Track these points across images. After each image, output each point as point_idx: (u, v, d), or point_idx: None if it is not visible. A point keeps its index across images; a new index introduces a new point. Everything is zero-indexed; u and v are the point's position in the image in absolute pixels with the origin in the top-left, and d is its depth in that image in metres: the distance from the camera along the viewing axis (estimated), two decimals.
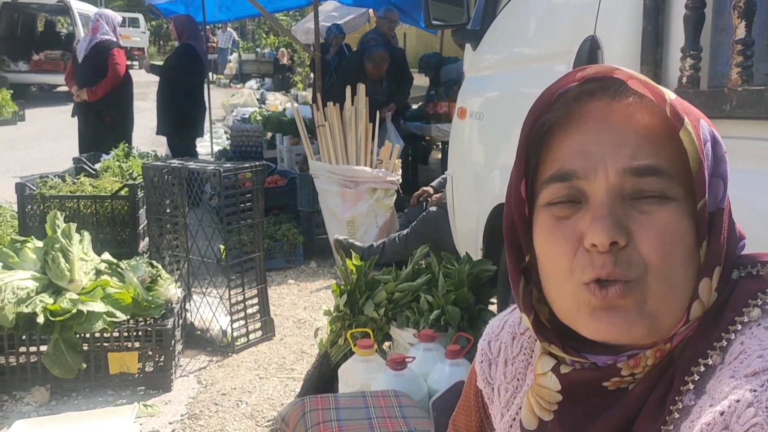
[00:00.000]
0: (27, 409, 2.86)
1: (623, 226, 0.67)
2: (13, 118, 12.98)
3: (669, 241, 0.67)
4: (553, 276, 0.72)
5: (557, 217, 0.71)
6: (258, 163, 3.65)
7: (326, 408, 2.03)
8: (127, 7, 29.70)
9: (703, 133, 0.68)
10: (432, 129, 6.87)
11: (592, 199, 0.69)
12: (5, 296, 2.83)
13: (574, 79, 0.72)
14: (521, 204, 0.75)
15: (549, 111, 0.73)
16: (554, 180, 0.71)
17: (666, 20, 1.73)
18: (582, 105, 0.72)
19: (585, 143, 0.70)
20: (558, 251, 0.71)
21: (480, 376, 0.91)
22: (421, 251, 2.99)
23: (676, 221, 0.67)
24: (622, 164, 0.67)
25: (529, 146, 0.74)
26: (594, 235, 0.67)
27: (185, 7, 8.98)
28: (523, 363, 0.85)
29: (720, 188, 0.69)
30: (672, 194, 0.67)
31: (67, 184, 4.30)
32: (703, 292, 0.67)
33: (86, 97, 6.29)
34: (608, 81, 0.70)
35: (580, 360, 0.72)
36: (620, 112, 0.70)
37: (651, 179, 0.67)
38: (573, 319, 0.71)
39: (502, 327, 0.90)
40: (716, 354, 0.65)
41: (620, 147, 0.68)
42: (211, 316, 3.58)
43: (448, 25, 3.19)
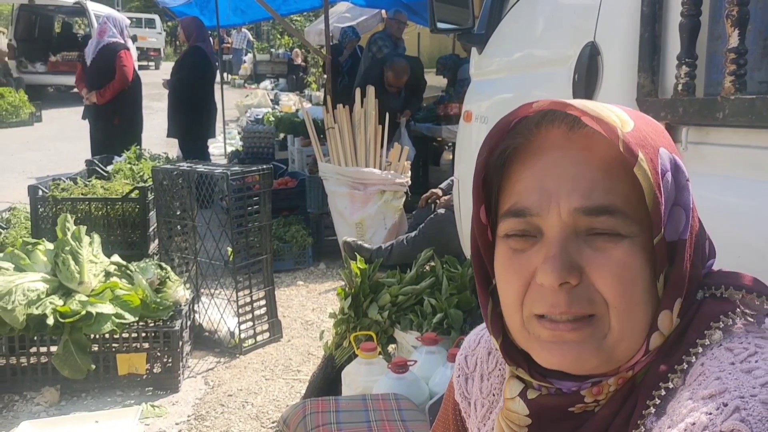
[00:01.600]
0: (37, 409, 2.91)
1: (575, 265, 0.67)
2: (30, 119, 13.14)
3: (625, 278, 0.67)
4: (506, 305, 0.73)
5: (513, 250, 0.72)
6: (266, 166, 3.68)
7: (326, 411, 2.05)
8: (143, 8, 29.95)
9: (662, 163, 0.67)
10: (443, 130, 6.87)
11: (546, 235, 0.70)
12: (16, 298, 2.88)
13: (529, 110, 0.71)
14: (483, 230, 0.76)
15: (510, 136, 0.73)
16: (510, 215, 0.72)
17: (663, 28, 1.73)
18: (542, 132, 0.72)
19: (542, 178, 0.70)
20: (511, 284, 0.72)
21: (457, 390, 0.92)
22: (425, 255, 3.01)
23: (630, 258, 0.67)
24: (574, 204, 0.68)
25: (488, 173, 0.75)
26: (544, 276, 0.67)
27: (200, 9, 9.05)
28: (498, 379, 0.86)
29: (682, 218, 0.68)
30: (626, 232, 0.67)
31: (78, 186, 4.36)
32: (662, 323, 0.68)
33: (95, 99, 6.36)
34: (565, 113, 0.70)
35: (545, 385, 0.73)
36: (579, 144, 0.70)
37: (604, 218, 0.67)
38: (527, 348, 0.73)
39: (478, 342, 0.91)
40: (677, 377, 0.66)
41: (575, 184, 0.68)
42: (219, 317, 3.61)
43: (454, 29, 3.20)
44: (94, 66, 6.39)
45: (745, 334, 0.66)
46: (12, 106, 12.87)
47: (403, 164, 4.94)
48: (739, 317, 0.68)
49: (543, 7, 2.57)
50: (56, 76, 16.67)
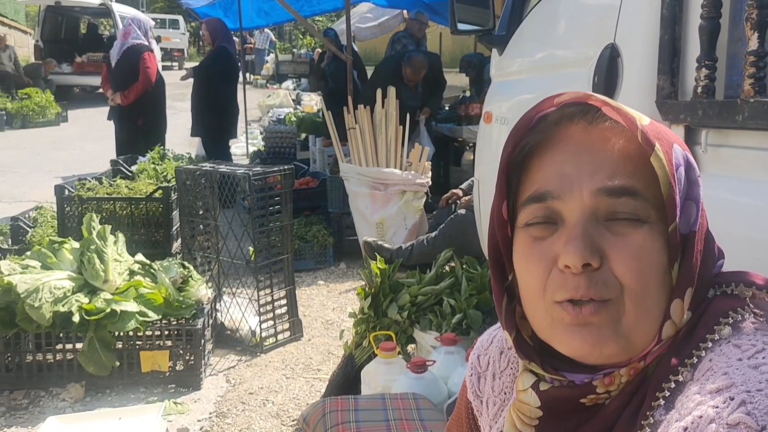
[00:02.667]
0: (63, 404, 2.97)
1: (597, 247, 0.69)
2: (56, 119, 13.35)
3: (643, 263, 0.69)
4: (529, 294, 0.75)
5: (534, 238, 0.74)
6: (287, 166, 3.71)
7: (346, 409, 2.08)
8: (167, 9, 30.24)
9: (676, 158, 0.70)
10: (463, 131, 6.87)
11: (567, 220, 0.71)
12: (43, 295, 2.93)
13: (551, 104, 0.74)
14: (503, 225, 0.77)
15: (530, 134, 0.75)
16: (531, 201, 0.74)
17: (683, 30, 1.73)
18: (562, 128, 0.74)
19: (562, 165, 0.72)
20: (533, 271, 0.73)
21: (470, 388, 0.94)
22: (445, 255, 3.02)
23: (649, 243, 0.69)
24: (596, 184, 0.70)
25: (510, 169, 0.77)
26: (567, 257, 0.69)
27: (223, 11, 9.12)
28: (510, 377, 0.88)
29: (693, 211, 0.70)
30: (645, 216, 0.69)
31: (104, 186, 4.42)
32: (674, 312, 0.69)
33: (119, 101, 6.45)
34: (585, 106, 0.73)
35: (558, 378, 0.74)
36: (597, 136, 0.72)
37: (625, 200, 0.69)
38: (548, 336, 0.74)
39: (491, 341, 0.93)
40: (687, 371, 0.67)
41: (596, 168, 0.70)
42: (241, 316, 3.65)
43: (474, 30, 3.21)
44: (118, 67, 6.48)
45: (753, 331, 0.67)
46: (39, 106, 13.08)
47: (424, 164, 4.95)
48: (748, 314, 0.69)
49: (564, 8, 2.57)
50: (82, 77, 16.91)
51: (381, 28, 11.30)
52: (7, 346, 3.07)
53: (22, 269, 3.08)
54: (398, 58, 6.66)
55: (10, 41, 16.31)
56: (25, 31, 20.87)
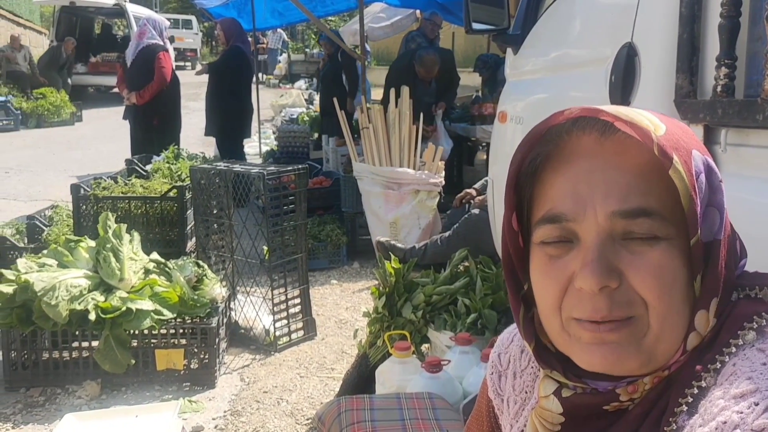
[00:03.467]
0: (79, 402, 2.99)
1: (614, 268, 0.68)
2: (71, 118, 13.43)
3: (664, 280, 0.67)
4: (545, 311, 0.74)
5: (550, 256, 0.73)
6: (301, 166, 3.72)
7: (361, 408, 2.08)
8: (180, 9, 30.37)
9: (696, 165, 0.68)
10: (477, 130, 6.87)
11: (583, 241, 0.70)
12: (59, 294, 2.96)
13: (561, 118, 0.72)
14: (514, 237, 0.77)
15: (540, 145, 0.74)
16: (545, 221, 0.72)
17: (701, 28, 1.72)
18: (573, 138, 0.72)
19: (576, 184, 0.71)
20: (549, 289, 0.73)
21: (490, 387, 0.94)
22: (460, 255, 3.02)
23: (668, 260, 0.68)
24: (611, 207, 0.68)
25: (519, 180, 0.76)
26: (584, 281, 0.68)
27: (237, 11, 9.16)
28: (531, 376, 0.87)
29: (716, 218, 0.69)
30: (662, 234, 0.68)
31: (119, 185, 4.45)
32: (699, 323, 0.68)
33: (135, 100, 6.49)
34: (597, 118, 0.71)
35: (580, 385, 0.74)
36: (611, 149, 0.70)
37: (641, 221, 0.68)
38: (567, 351, 0.74)
39: (511, 340, 0.93)
40: (710, 376, 0.67)
41: (610, 188, 0.69)
42: (255, 315, 3.67)
43: (489, 29, 3.20)
44: (133, 67, 6.52)
45: None
46: (54, 106, 13.17)
47: (437, 164, 4.95)
48: None
49: (580, 7, 2.56)
50: (96, 77, 17.03)
51: (394, 27, 11.31)
52: (24, 344, 3.09)
53: (39, 267, 3.11)
54: (411, 56, 6.67)
55: (25, 41, 16.43)
56: (40, 31, 21.01)
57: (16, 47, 15.21)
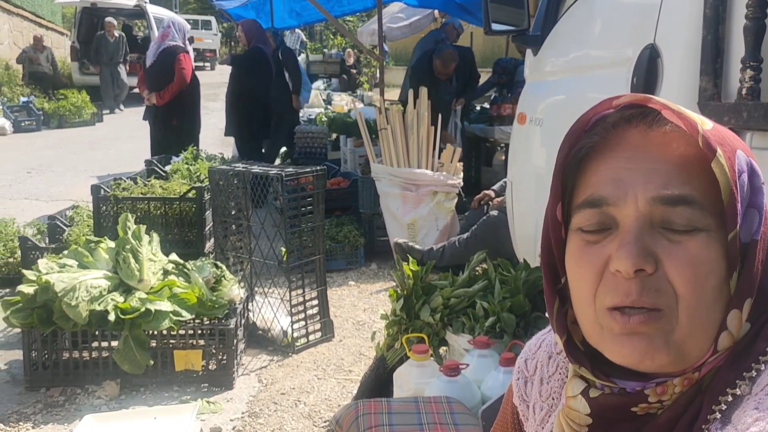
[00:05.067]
0: (98, 402, 3.00)
1: (651, 253, 0.67)
2: (91, 119, 13.55)
3: (700, 271, 0.67)
4: (580, 300, 0.73)
5: (587, 242, 0.72)
6: (319, 167, 3.72)
7: (379, 412, 2.07)
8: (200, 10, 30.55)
9: (739, 164, 0.68)
10: (495, 131, 6.84)
11: (621, 225, 0.70)
12: (80, 294, 2.98)
13: (610, 106, 0.73)
14: (557, 227, 0.76)
15: (587, 136, 0.74)
16: (586, 205, 0.72)
17: (726, 30, 1.69)
18: (619, 131, 0.73)
19: (618, 170, 0.71)
20: (584, 275, 0.72)
21: (516, 393, 0.93)
22: (478, 257, 3.00)
23: (706, 252, 0.67)
24: (652, 192, 0.68)
25: (566, 170, 0.76)
26: (619, 262, 0.68)
27: (255, 12, 9.19)
28: (558, 382, 0.87)
29: (755, 219, 0.68)
30: (702, 225, 0.68)
31: (138, 186, 4.48)
32: (731, 323, 0.67)
33: (155, 100, 6.53)
34: (644, 109, 0.71)
35: (609, 384, 0.73)
36: (656, 141, 0.70)
37: (681, 209, 0.68)
38: (598, 343, 0.73)
39: (539, 346, 0.92)
40: (745, 384, 0.65)
41: (652, 175, 0.69)
42: (273, 316, 3.67)
43: (509, 30, 3.18)
44: (154, 68, 6.56)
45: None
46: (75, 106, 13.30)
47: (456, 165, 4.93)
48: None
49: (601, 8, 2.53)
50: None
51: (412, 27, 11.29)
52: (44, 344, 3.12)
53: (60, 268, 3.13)
54: (431, 56, 6.66)
55: (47, 42, 16.62)
56: (62, 32, 21.24)
57: (38, 48, 15.39)
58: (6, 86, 14.58)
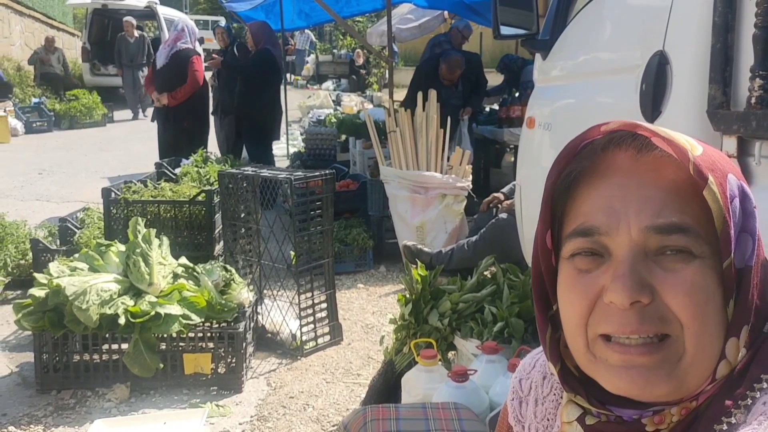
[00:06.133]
0: (108, 405, 3.02)
1: (646, 283, 0.66)
2: (102, 120, 13.62)
3: (698, 299, 0.66)
4: (570, 328, 0.73)
5: (579, 270, 0.71)
6: (328, 171, 3.72)
7: (387, 418, 2.07)
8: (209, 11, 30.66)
9: (731, 189, 0.67)
10: (504, 133, 6.83)
11: (615, 255, 0.69)
12: (90, 298, 3.00)
13: (598, 132, 0.71)
14: (547, 254, 0.75)
15: (576, 160, 0.73)
16: (577, 234, 0.71)
17: (736, 38, 1.69)
18: (609, 155, 0.71)
19: (610, 199, 0.70)
20: (576, 304, 0.71)
21: (511, 413, 0.92)
22: (486, 262, 3.00)
23: (702, 279, 0.66)
24: (645, 222, 0.67)
25: (555, 196, 0.74)
26: (614, 295, 0.67)
27: (265, 14, 9.21)
28: (553, 403, 0.86)
29: (749, 244, 0.68)
30: (697, 252, 0.66)
31: (148, 188, 4.50)
32: (730, 351, 0.67)
33: (166, 102, 6.56)
34: (634, 133, 0.70)
35: (605, 413, 0.72)
36: (647, 166, 0.69)
37: (676, 236, 0.66)
38: (592, 372, 0.72)
39: (533, 366, 0.91)
40: (740, 413, 0.65)
41: (645, 204, 0.68)
42: (281, 319, 3.68)
43: (518, 35, 3.17)
44: (165, 70, 6.59)
45: None
46: (86, 107, 13.38)
47: (465, 168, 4.93)
48: None
49: (610, 14, 2.53)
50: None
51: (421, 29, 11.29)
52: (55, 347, 3.14)
53: (71, 271, 3.16)
54: (438, 59, 6.66)
55: (58, 43, 16.71)
56: (73, 33, 21.36)
57: (50, 49, 15.48)
58: (18, 87, 14.67)
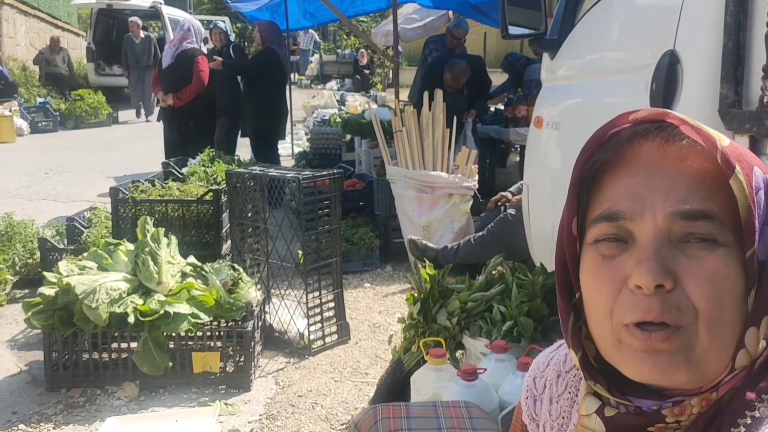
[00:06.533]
0: (117, 403, 3.03)
1: (670, 269, 0.67)
2: (107, 120, 13.65)
3: (719, 287, 0.66)
4: (595, 315, 0.73)
5: (603, 256, 0.72)
6: (336, 171, 3.73)
7: (398, 417, 2.08)
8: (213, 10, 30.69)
9: (756, 181, 0.68)
10: (510, 133, 6.83)
11: (639, 241, 0.69)
12: (100, 297, 3.01)
13: (626, 120, 0.72)
14: (572, 241, 0.76)
15: (601, 150, 0.73)
16: (602, 219, 0.72)
17: (747, 37, 1.69)
18: (635, 146, 0.72)
19: (635, 186, 0.70)
20: (601, 290, 0.71)
21: (525, 411, 0.92)
22: (495, 261, 3.00)
23: (725, 268, 0.67)
24: (671, 208, 0.68)
25: (581, 185, 0.75)
26: (639, 277, 0.67)
27: (270, 14, 9.22)
28: (567, 401, 0.86)
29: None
30: (722, 240, 0.67)
31: (156, 188, 4.51)
32: (749, 341, 0.67)
33: (171, 102, 6.57)
34: (660, 124, 0.71)
35: (624, 403, 0.72)
36: (673, 156, 0.70)
37: (701, 223, 0.67)
38: (615, 359, 0.72)
39: (547, 364, 0.91)
40: (764, 406, 0.65)
41: (670, 191, 0.68)
42: (289, 318, 3.69)
43: (526, 34, 3.18)
44: (170, 70, 6.61)
45: None
46: (91, 107, 13.41)
47: (471, 168, 4.93)
48: None
49: (620, 13, 2.53)
50: None
51: (426, 29, 11.27)
52: (65, 345, 3.15)
53: (80, 270, 3.17)
54: (442, 64, 6.67)
55: (63, 44, 16.75)
56: (78, 33, 21.41)
57: (55, 49, 15.51)
58: (23, 87, 14.71)
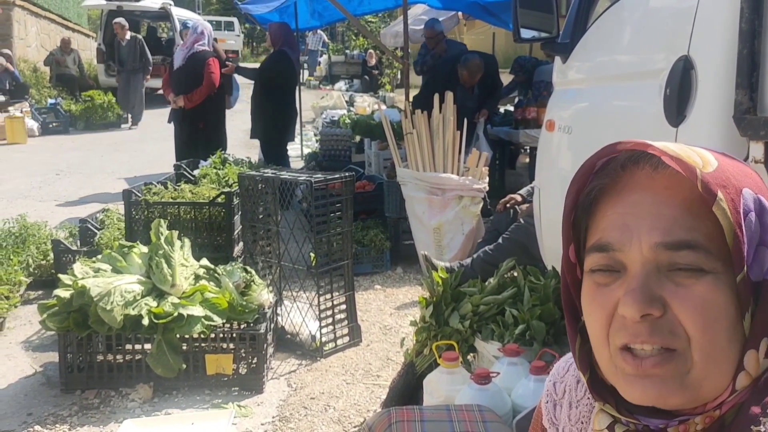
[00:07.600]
0: (132, 405, 3.06)
1: (657, 297, 0.69)
2: (118, 121, 13.71)
3: (708, 314, 0.68)
4: (595, 340, 0.76)
5: (597, 284, 0.74)
6: (347, 173, 3.75)
7: (412, 420, 2.09)
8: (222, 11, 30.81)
9: (745, 203, 0.68)
10: (520, 134, 6.84)
11: (629, 270, 0.72)
12: (114, 299, 3.03)
13: (614, 150, 0.74)
14: (572, 268, 0.79)
15: (597, 177, 0.76)
16: (595, 250, 0.74)
17: (762, 43, 1.69)
18: (628, 173, 0.74)
19: (624, 216, 0.72)
20: (596, 317, 0.74)
21: (545, 415, 0.94)
22: (507, 264, 3.01)
23: (713, 294, 0.68)
24: (655, 239, 0.69)
25: (577, 213, 0.78)
26: (625, 308, 0.69)
27: (279, 15, 9.24)
28: (587, 407, 0.88)
29: (767, 258, 0.69)
30: (708, 267, 0.68)
31: (168, 190, 4.54)
32: (749, 363, 0.68)
33: (182, 103, 6.60)
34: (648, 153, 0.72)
35: (632, 421, 0.75)
36: (661, 184, 0.72)
37: (685, 253, 0.68)
38: (614, 382, 0.75)
39: (567, 369, 0.93)
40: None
41: (657, 221, 0.70)
42: (301, 320, 3.71)
43: (538, 38, 3.18)
44: (181, 71, 6.63)
45: None
46: (101, 108, 13.46)
47: (481, 170, 4.94)
48: None
49: (633, 17, 2.53)
50: None
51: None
52: (79, 347, 3.18)
53: (95, 272, 3.20)
54: (453, 62, 6.68)
55: (73, 45, 16.83)
56: (88, 34, 21.53)
57: (65, 50, 15.59)
58: (34, 88, 14.80)
